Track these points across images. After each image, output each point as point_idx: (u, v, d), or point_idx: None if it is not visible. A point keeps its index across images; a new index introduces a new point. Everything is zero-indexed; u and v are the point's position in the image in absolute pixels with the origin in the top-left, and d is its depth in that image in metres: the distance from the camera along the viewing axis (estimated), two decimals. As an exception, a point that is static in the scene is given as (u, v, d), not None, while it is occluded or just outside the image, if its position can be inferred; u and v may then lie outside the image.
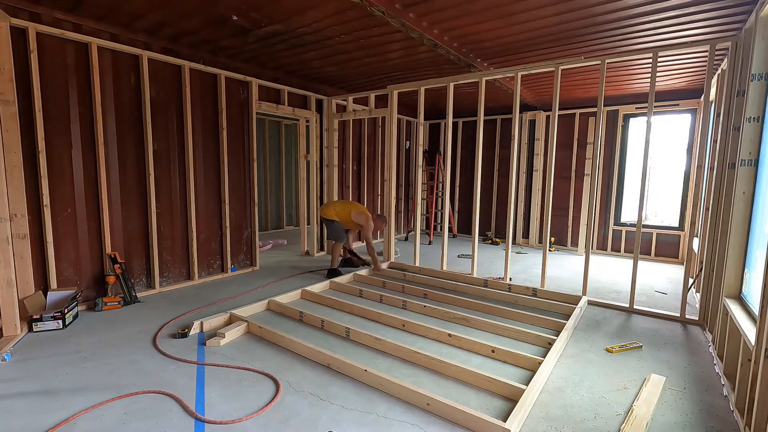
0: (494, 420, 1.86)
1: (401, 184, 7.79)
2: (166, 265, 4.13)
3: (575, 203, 6.61)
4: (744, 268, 2.63)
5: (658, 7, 2.95)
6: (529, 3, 2.93)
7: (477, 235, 4.47)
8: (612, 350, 2.80)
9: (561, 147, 6.49)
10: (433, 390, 2.19)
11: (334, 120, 5.78)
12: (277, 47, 4.02)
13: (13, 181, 2.93)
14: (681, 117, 5.75)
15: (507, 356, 2.61)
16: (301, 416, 2.01)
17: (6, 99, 2.87)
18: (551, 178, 4.04)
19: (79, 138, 3.42)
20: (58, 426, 1.90)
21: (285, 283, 4.42)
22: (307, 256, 5.82)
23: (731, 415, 2.09)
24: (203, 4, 3.05)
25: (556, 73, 3.78)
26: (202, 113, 4.29)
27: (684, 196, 5.68)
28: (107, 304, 3.46)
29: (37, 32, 3.09)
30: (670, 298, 4.11)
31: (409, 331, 3.09)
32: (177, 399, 2.13)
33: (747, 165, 2.64)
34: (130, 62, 3.69)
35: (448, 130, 4.54)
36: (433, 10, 3.10)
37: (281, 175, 8.50)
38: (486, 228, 7.58)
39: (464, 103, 6.52)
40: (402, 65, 4.63)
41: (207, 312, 3.41)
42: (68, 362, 2.52)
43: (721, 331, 2.60)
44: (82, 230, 3.50)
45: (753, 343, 1.91)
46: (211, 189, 4.47)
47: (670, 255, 5.85)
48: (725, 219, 2.93)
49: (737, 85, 2.98)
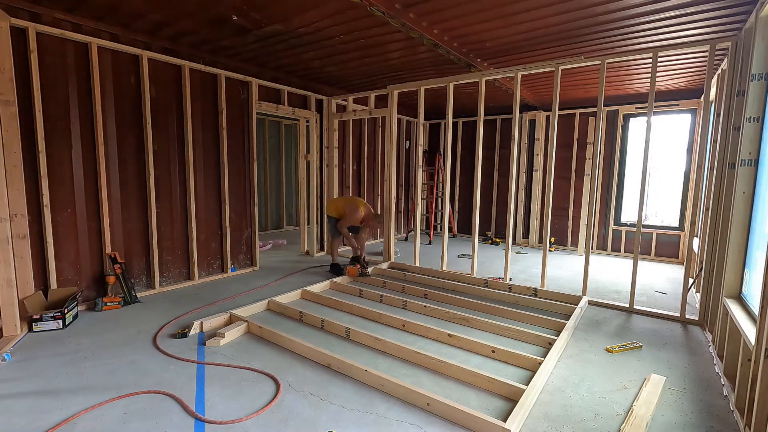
0: (494, 420, 1.86)
1: (401, 184, 7.79)
2: (166, 265, 4.13)
3: (575, 203, 6.61)
4: (744, 268, 2.63)
5: (658, 7, 2.95)
6: (529, 3, 2.93)
7: (477, 235, 4.47)
8: (612, 350, 2.80)
9: (561, 147, 6.49)
10: (433, 390, 2.19)
11: (334, 120, 5.78)
12: (277, 47, 4.02)
13: (13, 181, 2.93)
14: (681, 117, 5.75)
15: (507, 356, 2.61)
16: (301, 416, 2.01)
17: (6, 99, 2.87)
18: (551, 178, 4.04)
19: (79, 138, 3.42)
20: (58, 426, 1.90)
21: (286, 281, 4.42)
22: (307, 256, 5.81)
23: (731, 415, 2.09)
24: (203, 4, 3.05)
25: (556, 73, 3.78)
26: (202, 113, 4.29)
27: (684, 196, 5.68)
28: (107, 304, 3.46)
29: (37, 32, 3.09)
30: (670, 298, 4.11)
31: (409, 331, 3.09)
32: (177, 399, 2.13)
33: (747, 165, 2.64)
34: (130, 62, 3.69)
35: (448, 130, 4.54)
36: (433, 10, 3.10)
37: (281, 175, 8.49)
38: (486, 228, 7.58)
39: (464, 103, 6.52)
40: (402, 65, 4.63)
41: (207, 312, 3.41)
42: (68, 362, 2.52)
43: (721, 331, 2.60)
44: (82, 230, 3.50)
45: (753, 343, 1.91)
46: (211, 189, 4.47)
47: (670, 255, 5.85)
48: (725, 219, 2.93)
49: (737, 85, 2.98)
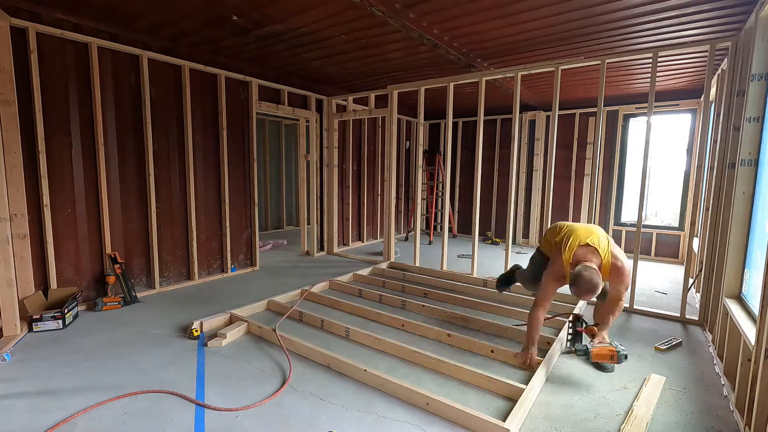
0: (494, 420, 1.86)
1: (401, 184, 7.79)
2: (166, 265, 4.13)
3: (575, 203, 6.61)
4: (744, 268, 2.63)
5: (658, 7, 2.95)
6: (529, 3, 2.93)
7: (477, 235, 4.47)
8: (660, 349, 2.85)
9: (561, 147, 6.48)
10: (433, 390, 2.19)
11: (334, 120, 5.78)
12: (277, 47, 4.01)
13: (13, 181, 2.93)
14: (681, 117, 5.75)
15: (507, 356, 2.61)
16: (301, 416, 2.01)
17: (6, 99, 2.87)
18: (551, 178, 4.04)
19: (79, 138, 3.42)
20: (58, 426, 1.90)
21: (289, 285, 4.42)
22: (307, 256, 5.82)
23: (731, 415, 2.09)
24: (203, 4, 3.05)
25: (556, 73, 3.78)
26: (202, 113, 4.29)
27: (684, 196, 5.67)
28: (107, 304, 3.46)
29: (37, 32, 3.09)
30: (670, 298, 4.11)
31: (409, 330, 3.09)
32: (177, 398, 2.13)
33: (747, 165, 2.64)
34: (130, 62, 3.69)
35: (448, 130, 4.53)
36: (433, 10, 3.10)
37: (281, 175, 8.49)
38: (486, 228, 7.58)
39: (464, 103, 6.52)
40: (402, 65, 4.62)
41: (207, 312, 3.41)
42: (68, 362, 2.52)
43: (721, 331, 2.60)
44: (82, 230, 3.50)
45: (753, 343, 1.91)
46: (211, 189, 4.47)
47: (670, 255, 5.85)
48: (725, 219, 2.93)
49: (737, 85, 2.98)
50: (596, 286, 2.25)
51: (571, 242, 2.48)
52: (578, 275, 2.29)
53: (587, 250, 2.42)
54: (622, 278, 2.46)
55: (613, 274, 2.45)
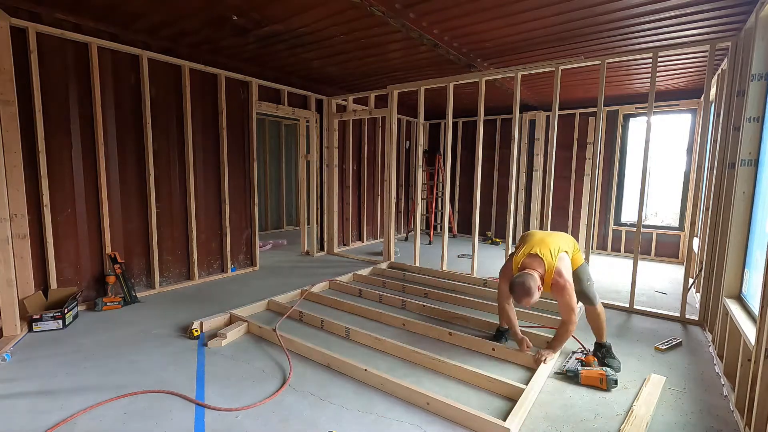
0: (494, 419, 1.86)
1: (401, 184, 7.79)
2: (166, 265, 4.13)
3: (575, 203, 6.61)
4: (744, 268, 2.63)
5: (658, 7, 2.95)
6: (529, 3, 2.93)
7: (477, 235, 4.47)
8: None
9: (561, 147, 6.48)
10: (433, 389, 2.19)
11: (334, 120, 5.78)
12: (277, 47, 4.01)
13: (13, 181, 2.93)
14: (681, 117, 5.75)
15: (507, 355, 2.62)
16: (301, 416, 2.01)
17: (6, 99, 2.87)
18: (551, 178, 4.04)
19: (79, 138, 3.42)
20: (58, 426, 1.90)
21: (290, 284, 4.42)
22: (307, 256, 5.82)
23: (731, 415, 2.09)
24: (203, 4, 3.05)
25: (556, 73, 3.78)
26: (202, 113, 4.29)
27: (684, 196, 5.67)
28: (107, 304, 3.46)
29: (37, 32, 3.09)
30: (670, 298, 4.11)
31: (409, 330, 3.09)
32: (177, 398, 2.13)
33: (747, 165, 2.64)
34: (130, 62, 3.69)
35: (448, 130, 4.53)
36: (433, 10, 3.10)
37: (281, 175, 8.49)
38: (486, 228, 7.58)
39: (464, 103, 6.52)
40: (402, 65, 4.62)
41: (207, 312, 3.41)
42: (68, 362, 2.52)
43: (721, 331, 2.60)
44: (82, 230, 3.50)
45: (753, 343, 1.91)
46: (211, 189, 4.46)
47: (670, 255, 5.85)
48: (725, 219, 2.93)
49: (737, 85, 2.98)
50: (529, 289, 2.31)
51: (523, 249, 2.58)
52: (513, 282, 2.42)
53: (533, 259, 2.49)
54: (560, 295, 2.42)
55: (554, 290, 2.45)
